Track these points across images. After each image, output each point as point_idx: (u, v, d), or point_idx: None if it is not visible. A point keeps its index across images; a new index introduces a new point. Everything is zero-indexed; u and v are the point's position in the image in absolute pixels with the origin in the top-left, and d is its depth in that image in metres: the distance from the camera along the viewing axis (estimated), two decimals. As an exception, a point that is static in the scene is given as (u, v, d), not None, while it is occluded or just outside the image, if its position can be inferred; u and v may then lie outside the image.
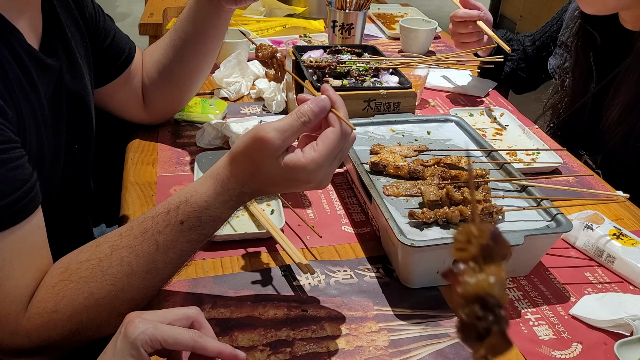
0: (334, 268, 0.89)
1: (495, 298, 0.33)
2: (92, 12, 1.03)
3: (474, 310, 0.33)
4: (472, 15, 1.40)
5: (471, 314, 0.33)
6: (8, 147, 0.69)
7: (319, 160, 0.68)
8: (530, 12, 4.51)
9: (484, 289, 0.33)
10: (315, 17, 1.97)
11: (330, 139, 0.69)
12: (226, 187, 0.71)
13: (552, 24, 1.56)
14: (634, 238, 0.93)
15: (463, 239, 0.35)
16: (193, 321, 0.64)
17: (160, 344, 0.60)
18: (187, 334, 0.62)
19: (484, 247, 0.34)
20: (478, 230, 0.34)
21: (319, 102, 0.70)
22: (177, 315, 0.63)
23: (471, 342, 0.34)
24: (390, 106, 1.16)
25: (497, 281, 0.33)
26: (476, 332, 0.33)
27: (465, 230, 0.35)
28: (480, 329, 0.33)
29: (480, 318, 0.33)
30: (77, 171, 0.99)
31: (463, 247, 0.35)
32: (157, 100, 1.17)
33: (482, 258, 0.34)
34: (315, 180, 0.71)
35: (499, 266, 0.34)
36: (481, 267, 0.34)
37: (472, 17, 1.40)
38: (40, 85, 0.81)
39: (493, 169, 1.01)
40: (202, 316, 0.65)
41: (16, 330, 0.69)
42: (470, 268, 0.34)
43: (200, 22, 1.06)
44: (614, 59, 1.28)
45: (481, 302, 0.33)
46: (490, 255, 0.34)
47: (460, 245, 0.35)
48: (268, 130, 0.67)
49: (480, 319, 0.33)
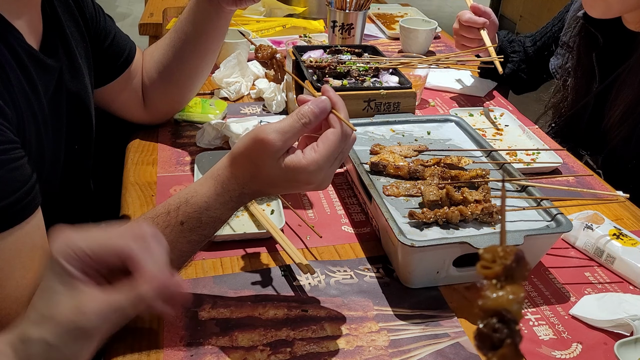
0: (334, 268, 0.89)
1: (512, 314, 0.36)
2: (92, 12, 1.03)
3: (491, 323, 0.37)
4: (477, 22, 1.41)
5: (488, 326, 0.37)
6: (8, 148, 0.69)
7: (320, 161, 0.68)
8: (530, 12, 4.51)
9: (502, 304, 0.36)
10: (315, 17, 1.97)
11: (331, 140, 0.69)
12: (226, 188, 0.71)
13: (553, 24, 1.56)
14: (634, 238, 0.93)
15: (489, 258, 0.38)
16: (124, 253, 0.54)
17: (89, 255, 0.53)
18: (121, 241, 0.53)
19: (507, 267, 0.37)
20: (503, 251, 0.38)
21: (320, 103, 0.70)
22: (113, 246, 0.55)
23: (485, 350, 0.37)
24: (390, 106, 1.16)
25: (515, 299, 0.37)
26: (491, 342, 0.37)
27: (492, 250, 0.38)
28: (495, 340, 0.36)
29: (496, 330, 0.36)
30: (77, 171, 0.99)
31: (488, 265, 0.38)
32: (157, 101, 1.17)
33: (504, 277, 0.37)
34: (315, 181, 0.71)
35: (520, 286, 0.38)
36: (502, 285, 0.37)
37: (477, 24, 1.41)
38: (40, 86, 0.81)
39: (493, 169, 1.01)
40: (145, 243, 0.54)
41: None
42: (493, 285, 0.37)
43: (201, 23, 1.06)
44: (616, 59, 1.28)
45: (499, 316, 0.37)
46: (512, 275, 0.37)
47: (486, 263, 0.38)
48: (269, 131, 0.67)
49: (496, 331, 0.36)
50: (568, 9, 1.49)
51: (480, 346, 0.37)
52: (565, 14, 1.50)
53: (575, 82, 1.38)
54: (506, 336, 0.36)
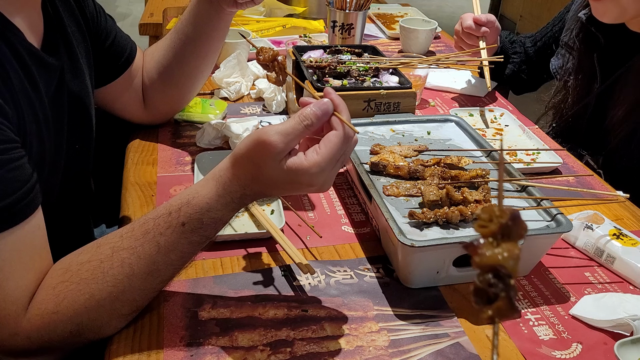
0: (334, 268, 0.89)
1: (507, 269, 0.38)
2: (93, 12, 1.03)
3: (487, 278, 0.38)
4: (477, 32, 1.42)
5: (484, 281, 0.38)
6: (8, 148, 0.69)
7: (322, 163, 0.68)
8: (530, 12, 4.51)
9: (498, 260, 0.38)
10: (315, 17, 1.97)
11: (333, 143, 0.69)
12: (228, 190, 0.71)
13: (553, 24, 1.56)
14: (634, 238, 0.93)
15: (486, 217, 0.40)
16: None
17: None
18: None
19: (503, 225, 0.39)
20: (500, 210, 0.39)
21: (322, 105, 0.70)
22: None
23: (482, 305, 0.39)
24: (390, 106, 1.16)
25: (510, 256, 0.38)
26: (487, 296, 0.38)
27: (489, 210, 0.40)
28: (490, 294, 0.38)
29: (492, 285, 0.38)
30: (77, 171, 0.99)
31: (485, 225, 0.39)
32: (157, 101, 1.17)
33: (500, 235, 0.39)
34: (317, 183, 0.71)
35: (515, 244, 0.39)
36: (498, 243, 0.39)
37: (477, 33, 1.42)
38: (42, 84, 0.81)
39: (493, 169, 1.01)
40: None
41: (16, 331, 0.69)
42: (489, 242, 0.39)
43: (201, 24, 1.06)
44: (617, 60, 1.28)
45: (494, 272, 0.38)
46: (509, 233, 0.39)
47: (483, 222, 0.40)
48: (271, 133, 0.67)
49: (492, 285, 0.38)
50: (568, 9, 1.49)
51: (477, 301, 0.39)
52: (565, 14, 1.50)
53: (576, 83, 1.38)
54: (501, 290, 0.38)
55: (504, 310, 0.38)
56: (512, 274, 0.38)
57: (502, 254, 0.38)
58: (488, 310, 0.38)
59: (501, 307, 0.38)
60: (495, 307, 0.38)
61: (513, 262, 0.38)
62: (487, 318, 0.38)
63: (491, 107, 1.38)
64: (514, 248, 0.39)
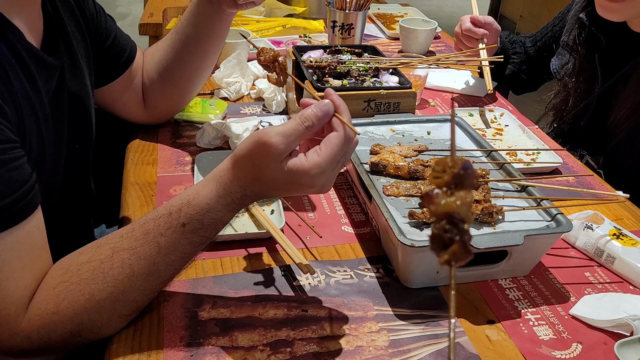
0: (334, 268, 0.89)
1: (460, 215, 0.40)
2: (93, 12, 1.03)
3: (442, 225, 0.40)
4: (476, 34, 1.42)
5: (440, 228, 0.40)
6: (7, 148, 0.69)
7: (323, 164, 0.68)
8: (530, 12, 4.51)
9: (451, 208, 0.40)
10: (315, 17, 1.97)
11: (333, 144, 0.69)
12: (228, 190, 0.71)
13: (554, 24, 1.56)
14: (634, 238, 0.93)
15: (439, 169, 0.42)
16: None
17: None
18: None
19: (456, 175, 0.41)
20: (452, 162, 0.41)
21: (323, 106, 0.70)
22: None
23: (438, 251, 0.41)
24: (390, 106, 1.16)
25: (463, 203, 0.41)
26: (442, 242, 0.40)
27: (442, 162, 0.42)
28: (445, 239, 0.40)
29: (447, 231, 0.40)
30: (77, 171, 0.99)
31: (438, 176, 0.42)
32: (157, 101, 1.17)
33: (454, 185, 0.41)
34: (318, 184, 0.71)
35: (468, 192, 0.41)
36: (452, 192, 0.41)
37: (475, 35, 1.42)
38: (41, 84, 0.81)
39: (493, 169, 1.01)
40: None
41: (16, 332, 0.69)
42: (443, 192, 0.41)
43: (201, 25, 1.06)
44: (619, 60, 1.28)
45: (448, 218, 0.40)
46: (462, 183, 0.41)
47: (436, 174, 0.42)
48: (272, 134, 0.67)
49: (447, 231, 0.40)
50: (569, 9, 1.49)
51: (433, 247, 0.41)
52: (566, 14, 1.50)
53: (577, 84, 1.38)
54: (455, 235, 0.40)
55: (459, 253, 0.40)
56: (465, 219, 0.40)
57: (456, 202, 0.40)
58: (445, 255, 0.40)
59: (456, 251, 0.40)
60: (451, 251, 0.40)
61: (466, 209, 0.40)
62: (444, 262, 0.40)
63: (491, 107, 1.38)
64: (467, 196, 0.41)
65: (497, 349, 0.77)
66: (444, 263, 0.40)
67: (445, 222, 0.40)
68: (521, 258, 0.87)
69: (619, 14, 1.20)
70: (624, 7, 1.17)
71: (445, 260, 0.40)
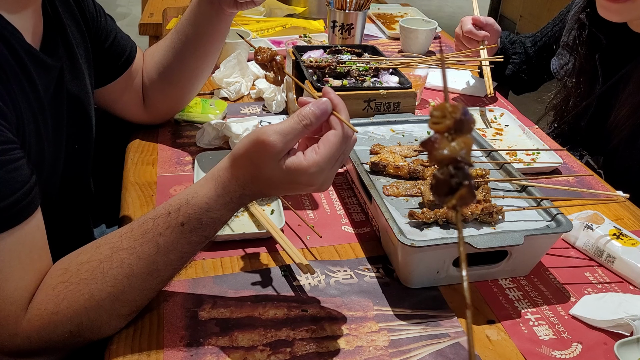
0: (334, 268, 0.89)
1: (465, 160, 0.40)
2: (92, 12, 1.03)
3: (448, 170, 0.40)
4: (477, 36, 1.42)
5: (445, 173, 0.40)
6: (7, 148, 0.69)
7: (321, 163, 0.68)
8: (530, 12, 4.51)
9: (456, 153, 0.40)
10: (315, 17, 1.97)
11: (332, 142, 0.69)
12: (227, 190, 0.71)
13: (554, 24, 1.56)
14: (634, 238, 0.93)
15: (439, 114, 0.41)
16: None
17: None
18: None
19: (457, 120, 0.41)
20: (452, 107, 0.41)
21: (321, 105, 0.70)
22: None
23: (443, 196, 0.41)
24: (390, 106, 1.16)
25: (467, 147, 0.41)
26: (449, 187, 0.40)
27: (441, 107, 0.41)
28: (452, 184, 0.40)
29: (453, 175, 0.40)
30: (77, 172, 0.99)
31: (439, 121, 0.41)
32: (157, 101, 1.17)
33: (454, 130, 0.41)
34: (316, 183, 0.71)
35: (467, 136, 0.41)
36: (453, 137, 0.41)
37: (477, 37, 1.42)
38: (40, 85, 0.81)
39: (493, 169, 1.01)
40: None
41: (16, 332, 0.69)
42: (445, 137, 0.41)
43: (201, 25, 1.06)
44: (620, 60, 1.28)
45: (454, 163, 0.40)
46: (461, 127, 0.41)
47: (436, 119, 0.41)
48: (270, 133, 0.67)
49: (453, 176, 0.40)
50: (569, 9, 1.49)
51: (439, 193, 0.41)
52: (566, 14, 1.50)
53: (577, 84, 1.38)
54: (462, 179, 0.40)
55: (466, 197, 0.40)
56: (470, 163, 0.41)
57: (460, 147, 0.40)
58: (452, 200, 0.40)
59: (464, 195, 0.40)
60: (459, 196, 0.40)
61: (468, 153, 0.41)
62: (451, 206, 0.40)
63: (491, 107, 1.38)
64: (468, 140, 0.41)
65: (497, 349, 0.77)
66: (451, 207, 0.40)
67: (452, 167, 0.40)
68: (521, 258, 0.87)
69: (621, 15, 1.20)
70: (625, 8, 1.17)
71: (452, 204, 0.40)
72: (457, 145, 0.40)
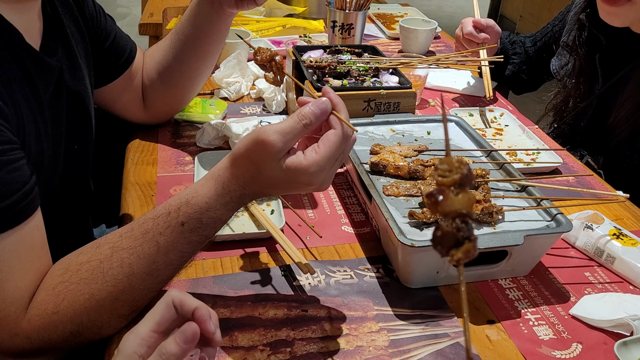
0: (334, 268, 0.89)
1: (471, 215, 0.42)
2: (92, 13, 1.03)
3: (455, 223, 0.41)
4: (477, 39, 1.42)
5: (453, 226, 0.41)
6: (7, 149, 0.69)
7: (321, 162, 0.68)
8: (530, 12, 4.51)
9: (463, 207, 0.42)
10: (315, 17, 1.97)
11: (331, 141, 0.69)
12: (227, 189, 0.71)
13: (553, 24, 1.56)
14: (634, 238, 0.93)
15: (445, 168, 0.43)
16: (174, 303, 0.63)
17: (150, 337, 0.60)
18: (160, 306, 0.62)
19: (464, 175, 0.42)
20: (458, 162, 0.43)
21: (321, 104, 0.70)
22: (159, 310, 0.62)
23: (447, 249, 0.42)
24: (390, 106, 1.16)
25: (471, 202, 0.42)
26: (455, 240, 0.41)
27: (447, 161, 0.43)
28: (459, 238, 0.41)
29: (460, 229, 0.41)
30: (76, 172, 0.99)
31: (445, 175, 0.43)
32: (157, 101, 1.17)
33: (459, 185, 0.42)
34: (316, 182, 0.71)
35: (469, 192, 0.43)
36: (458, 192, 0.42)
37: (477, 40, 1.42)
38: (40, 85, 0.81)
39: (493, 169, 1.01)
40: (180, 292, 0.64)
41: (16, 332, 0.69)
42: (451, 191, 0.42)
43: (201, 26, 1.06)
44: (620, 60, 1.28)
45: (462, 217, 0.41)
46: (465, 183, 0.43)
47: (443, 172, 0.43)
48: (270, 132, 0.67)
49: (460, 230, 0.41)
50: (569, 9, 1.49)
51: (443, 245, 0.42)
52: (566, 15, 1.50)
53: (577, 84, 1.38)
54: (469, 233, 0.41)
55: (472, 251, 0.41)
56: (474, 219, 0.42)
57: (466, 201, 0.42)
58: (458, 253, 0.41)
59: (470, 249, 0.41)
60: (465, 249, 0.41)
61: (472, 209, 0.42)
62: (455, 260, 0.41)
63: (491, 107, 1.38)
64: (472, 195, 0.42)
65: (497, 349, 0.77)
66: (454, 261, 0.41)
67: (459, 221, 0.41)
68: (521, 258, 0.87)
69: (620, 19, 1.19)
70: (624, 11, 1.17)
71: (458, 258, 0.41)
72: (464, 200, 0.42)
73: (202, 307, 0.62)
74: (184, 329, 0.60)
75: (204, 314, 0.62)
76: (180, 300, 0.62)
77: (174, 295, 0.63)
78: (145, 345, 0.60)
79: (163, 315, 0.62)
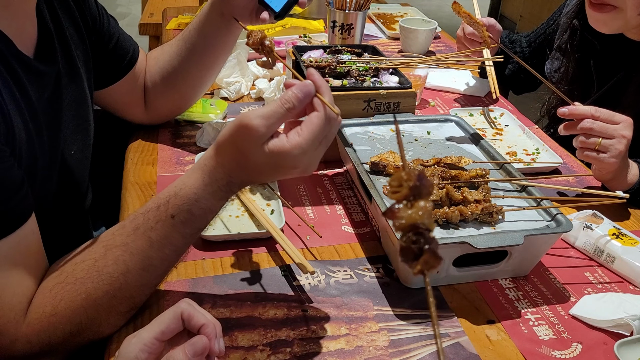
0: (334, 268, 0.89)
1: (425, 225, 0.42)
2: (95, 14, 1.03)
3: (409, 237, 0.42)
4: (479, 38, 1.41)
5: (407, 240, 0.42)
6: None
7: (304, 144, 0.68)
8: (530, 12, 4.51)
9: (414, 219, 0.42)
10: (315, 17, 1.97)
11: (314, 124, 0.69)
12: (214, 178, 0.71)
13: (547, 26, 1.56)
14: (634, 238, 0.93)
15: (395, 184, 0.43)
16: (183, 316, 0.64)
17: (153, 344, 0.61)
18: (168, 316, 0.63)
19: (413, 187, 0.42)
20: (407, 175, 0.43)
21: (303, 87, 0.69)
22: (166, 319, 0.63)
23: (410, 262, 0.42)
24: (390, 106, 1.16)
25: (424, 212, 0.42)
26: (413, 253, 0.41)
27: (397, 176, 0.43)
28: (415, 250, 0.41)
29: (415, 242, 0.41)
30: (74, 176, 0.98)
31: (396, 190, 0.43)
32: (158, 104, 1.17)
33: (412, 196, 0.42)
34: (301, 165, 0.70)
35: (426, 200, 0.43)
36: (412, 204, 0.42)
37: (479, 39, 1.42)
38: (32, 92, 0.80)
39: (493, 169, 1.01)
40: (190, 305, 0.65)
41: (16, 338, 0.69)
42: (404, 205, 0.43)
43: (209, 36, 1.06)
44: (614, 65, 1.28)
45: (414, 230, 0.42)
46: (419, 193, 0.42)
47: (394, 188, 0.43)
48: (252, 117, 0.67)
49: (415, 242, 0.41)
50: (561, 12, 1.49)
51: (404, 259, 0.42)
52: (558, 17, 1.50)
53: (571, 91, 1.38)
54: (423, 244, 0.41)
55: (430, 261, 0.41)
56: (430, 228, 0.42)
57: (417, 213, 0.42)
58: (417, 265, 0.41)
59: (428, 260, 0.41)
60: (423, 261, 0.41)
61: (428, 218, 0.42)
62: (418, 272, 0.41)
63: (491, 107, 1.38)
64: (426, 204, 0.42)
65: (497, 349, 0.77)
66: (417, 273, 0.41)
67: (412, 234, 0.41)
68: (521, 258, 0.87)
69: (607, 26, 1.19)
70: (611, 18, 1.16)
71: (419, 270, 0.41)
72: (415, 212, 0.42)
73: (209, 325, 0.63)
74: (195, 342, 0.61)
75: (210, 332, 0.63)
76: (189, 314, 0.63)
77: (184, 308, 0.64)
78: (147, 351, 0.60)
79: (169, 325, 0.62)
